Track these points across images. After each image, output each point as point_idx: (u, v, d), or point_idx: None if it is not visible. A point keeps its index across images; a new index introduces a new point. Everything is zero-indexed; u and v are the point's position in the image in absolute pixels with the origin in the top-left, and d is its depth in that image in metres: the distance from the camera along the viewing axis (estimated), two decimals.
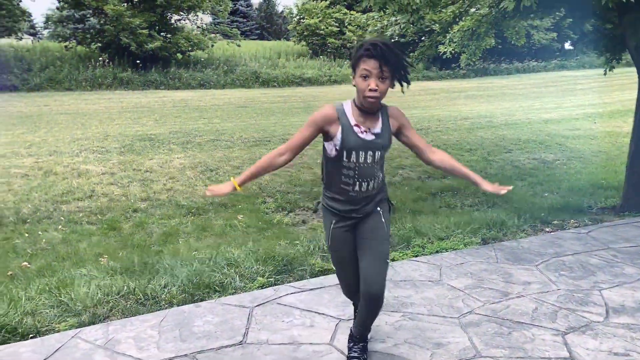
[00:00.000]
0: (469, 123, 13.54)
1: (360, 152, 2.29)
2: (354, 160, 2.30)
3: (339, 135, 2.27)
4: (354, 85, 2.28)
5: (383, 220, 2.41)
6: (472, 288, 3.46)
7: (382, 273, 2.38)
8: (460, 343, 2.77)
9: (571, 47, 33.98)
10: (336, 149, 2.30)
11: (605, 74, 7.38)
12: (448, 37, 8.61)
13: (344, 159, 2.31)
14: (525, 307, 3.19)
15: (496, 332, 2.89)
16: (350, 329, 2.66)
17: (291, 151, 2.32)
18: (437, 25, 8.67)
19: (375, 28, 9.81)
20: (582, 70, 29.99)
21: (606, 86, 20.90)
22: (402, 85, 2.32)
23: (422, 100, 18.93)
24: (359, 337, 2.61)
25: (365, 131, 2.30)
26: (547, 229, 5.01)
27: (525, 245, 4.32)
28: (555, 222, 5.31)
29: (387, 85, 2.24)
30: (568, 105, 17.42)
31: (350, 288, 2.59)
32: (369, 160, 2.31)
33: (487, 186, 2.37)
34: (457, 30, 8.28)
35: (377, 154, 2.32)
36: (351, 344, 2.61)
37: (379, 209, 2.43)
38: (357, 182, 2.33)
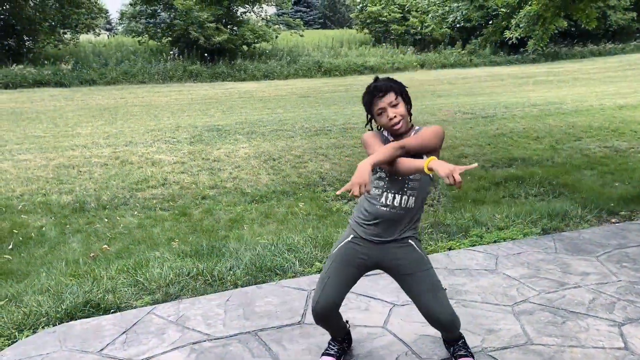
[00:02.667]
0: (537, 110, 13.10)
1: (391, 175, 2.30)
2: (384, 171, 2.31)
3: None
4: (379, 129, 2.43)
5: (420, 251, 2.37)
6: (528, 277, 3.47)
7: (442, 301, 2.34)
8: (512, 330, 2.82)
9: None
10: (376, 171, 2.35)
11: None
12: (514, 21, 8.40)
13: (377, 169, 2.32)
14: (581, 297, 3.18)
15: (550, 320, 2.91)
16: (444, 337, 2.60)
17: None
18: (503, 9, 8.47)
19: (437, 14, 9.70)
20: None
21: None
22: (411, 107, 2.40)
23: (488, 87, 18.45)
24: (455, 338, 2.56)
25: None
26: (613, 220, 4.87)
27: (586, 236, 4.25)
28: (622, 213, 5.15)
29: (403, 108, 2.34)
30: None
31: (317, 307, 2.40)
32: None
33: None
34: (523, 15, 8.06)
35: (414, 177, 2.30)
36: (453, 343, 2.55)
37: (410, 241, 2.36)
38: (385, 193, 2.31)
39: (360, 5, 31.41)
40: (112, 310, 3.21)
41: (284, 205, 6.42)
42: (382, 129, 2.43)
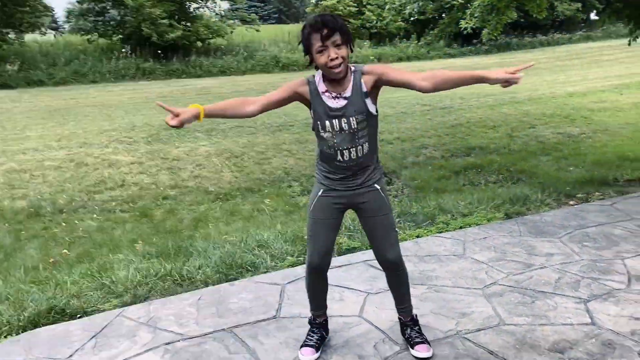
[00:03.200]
0: (492, 100, 13.43)
1: (334, 120, 2.29)
2: (329, 129, 2.30)
3: (312, 103, 2.31)
4: (317, 67, 2.29)
5: (383, 196, 2.44)
6: (496, 261, 3.55)
7: (392, 241, 2.49)
8: (484, 312, 2.87)
9: (596, 17, 33.06)
10: (312, 119, 2.35)
11: (629, 44, 7.28)
12: (468, 12, 8.54)
13: (320, 128, 2.32)
14: (548, 277, 3.27)
15: (519, 301, 2.98)
16: (399, 319, 2.64)
17: (261, 105, 2.30)
18: (457, 0, 8.61)
19: (394, 6, 9.77)
20: (608, 41, 29.20)
21: (633, 56, 20.37)
22: (352, 50, 2.28)
23: None
24: (410, 320, 2.60)
25: (336, 97, 2.29)
26: (571, 203, 5.04)
27: (548, 219, 4.38)
28: (579, 195, 5.33)
29: (346, 50, 2.21)
30: (593, 77, 17.09)
31: (314, 259, 2.50)
32: (345, 128, 2.28)
33: (497, 74, 2.14)
34: (477, 5, 8.21)
35: (352, 120, 2.27)
36: (408, 330, 2.59)
37: (376, 185, 2.43)
38: (339, 151, 2.32)
39: None
40: (78, 315, 3.10)
41: (249, 202, 6.36)
42: (315, 75, 2.34)
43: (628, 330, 2.65)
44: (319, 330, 2.63)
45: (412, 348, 2.53)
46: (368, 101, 2.30)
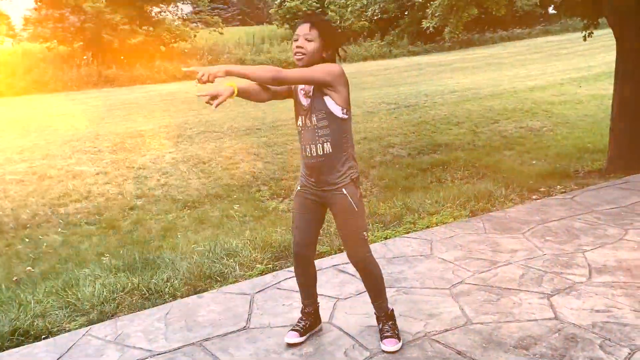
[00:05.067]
0: (456, 96, 13.64)
1: (302, 117, 2.51)
2: (300, 124, 2.53)
3: (294, 98, 2.55)
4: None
5: (350, 200, 2.51)
6: (462, 259, 3.61)
7: (359, 243, 2.59)
8: (452, 312, 2.92)
9: (554, 12, 33.87)
10: (295, 113, 2.58)
11: (585, 39, 7.48)
12: (429, 11, 8.65)
13: (296, 122, 2.56)
14: (512, 273, 3.35)
15: (485, 299, 3.04)
16: (374, 313, 2.72)
17: (273, 93, 2.55)
18: (417, 0, 8.72)
19: (356, 7, 9.83)
20: (566, 34, 29.96)
21: (591, 49, 20.94)
22: (339, 55, 2.54)
23: (408, 77, 18.98)
24: (384, 315, 2.67)
25: (305, 95, 2.50)
26: (534, 197, 5.16)
27: (512, 215, 4.48)
28: (542, 189, 5.46)
29: (314, 46, 2.41)
30: (553, 70, 17.53)
31: (296, 249, 2.69)
32: (308, 124, 2.49)
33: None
34: (438, 5, 8.32)
35: (313, 117, 2.46)
36: (380, 325, 2.67)
37: (344, 190, 2.51)
38: (305, 146, 2.51)
39: (278, 0, 31.28)
40: (43, 337, 3.02)
41: (218, 209, 6.31)
42: None
43: (590, 323, 2.73)
44: (308, 319, 2.76)
45: (381, 341, 2.63)
46: (327, 100, 2.45)
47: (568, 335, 2.63)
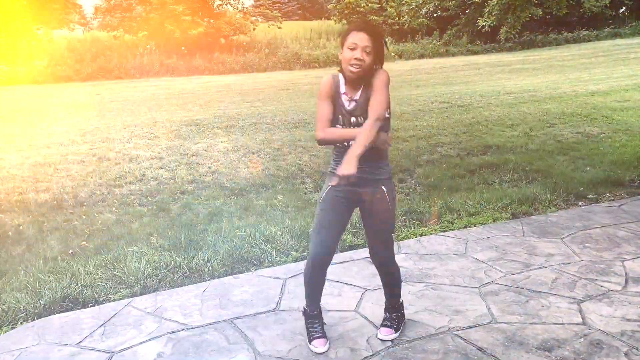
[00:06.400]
0: (512, 98, 13.31)
1: (345, 119, 2.54)
2: (341, 124, 2.55)
3: (334, 98, 2.55)
4: (341, 60, 2.52)
5: (387, 199, 2.56)
6: (495, 260, 3.60)
7: (386, 243, 2.64)
8: (478, 310, 2.94)
9: (626, 14, 32.30)
10: (333, 114, 2.57)
11: None
12: (486, 10, 8.53)
13: (336, 121, 2.56)
14: (545, 277, 3.32)
15: (514, 300, 3.04)
16: (385, 302, 2.85)
17: (327, 125, 2.55)
18: None
19: (412, 6, 9.79)
20: (637, 38, 28.56)
21: None
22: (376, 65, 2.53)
23: (464, 76, 18.65)
24: (392, 307, 2.80)
25: (350, 99, 2.54)
26: (580, 204, 5.04)
27: (553, 219, 4.40)
28: (590, 196, 5.32)
29: (371, 60, 2.45)
30: (618, 75, 16.76)
31: (317, 250, 2.59)
32: (353, 123, 2.52)
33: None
34: (496, 3, 8.19)
35: (359, 119, 2.50)
36: (386, 314, 2.81)
37: (383, 187, 2.57)
38: (347, 144, 2.48)
39: None
40: (90, 304, 3.26)
41: (263, 197, 6.48)
42: (339, 75, 2.56)
43: (618, 331, 2.70)
44: (319, 320, 2.78)
45: (379, 328, 2.77)
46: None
47: (594, 341, 2.61)
